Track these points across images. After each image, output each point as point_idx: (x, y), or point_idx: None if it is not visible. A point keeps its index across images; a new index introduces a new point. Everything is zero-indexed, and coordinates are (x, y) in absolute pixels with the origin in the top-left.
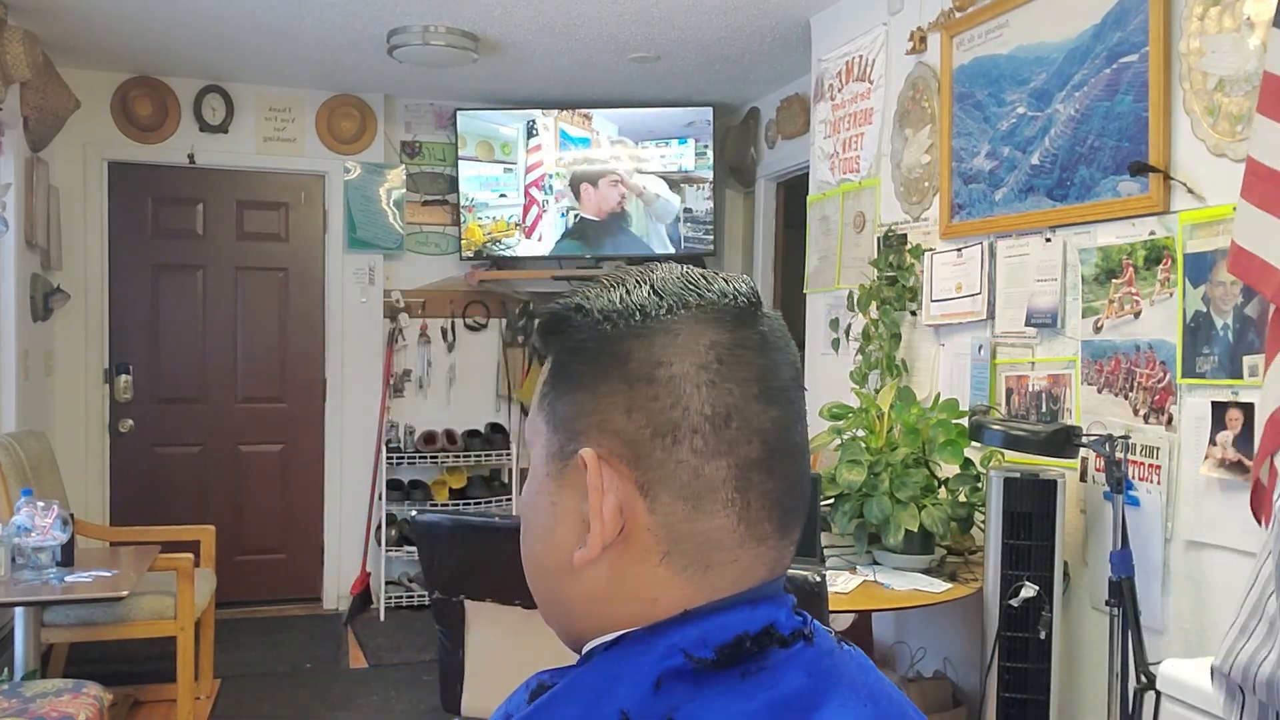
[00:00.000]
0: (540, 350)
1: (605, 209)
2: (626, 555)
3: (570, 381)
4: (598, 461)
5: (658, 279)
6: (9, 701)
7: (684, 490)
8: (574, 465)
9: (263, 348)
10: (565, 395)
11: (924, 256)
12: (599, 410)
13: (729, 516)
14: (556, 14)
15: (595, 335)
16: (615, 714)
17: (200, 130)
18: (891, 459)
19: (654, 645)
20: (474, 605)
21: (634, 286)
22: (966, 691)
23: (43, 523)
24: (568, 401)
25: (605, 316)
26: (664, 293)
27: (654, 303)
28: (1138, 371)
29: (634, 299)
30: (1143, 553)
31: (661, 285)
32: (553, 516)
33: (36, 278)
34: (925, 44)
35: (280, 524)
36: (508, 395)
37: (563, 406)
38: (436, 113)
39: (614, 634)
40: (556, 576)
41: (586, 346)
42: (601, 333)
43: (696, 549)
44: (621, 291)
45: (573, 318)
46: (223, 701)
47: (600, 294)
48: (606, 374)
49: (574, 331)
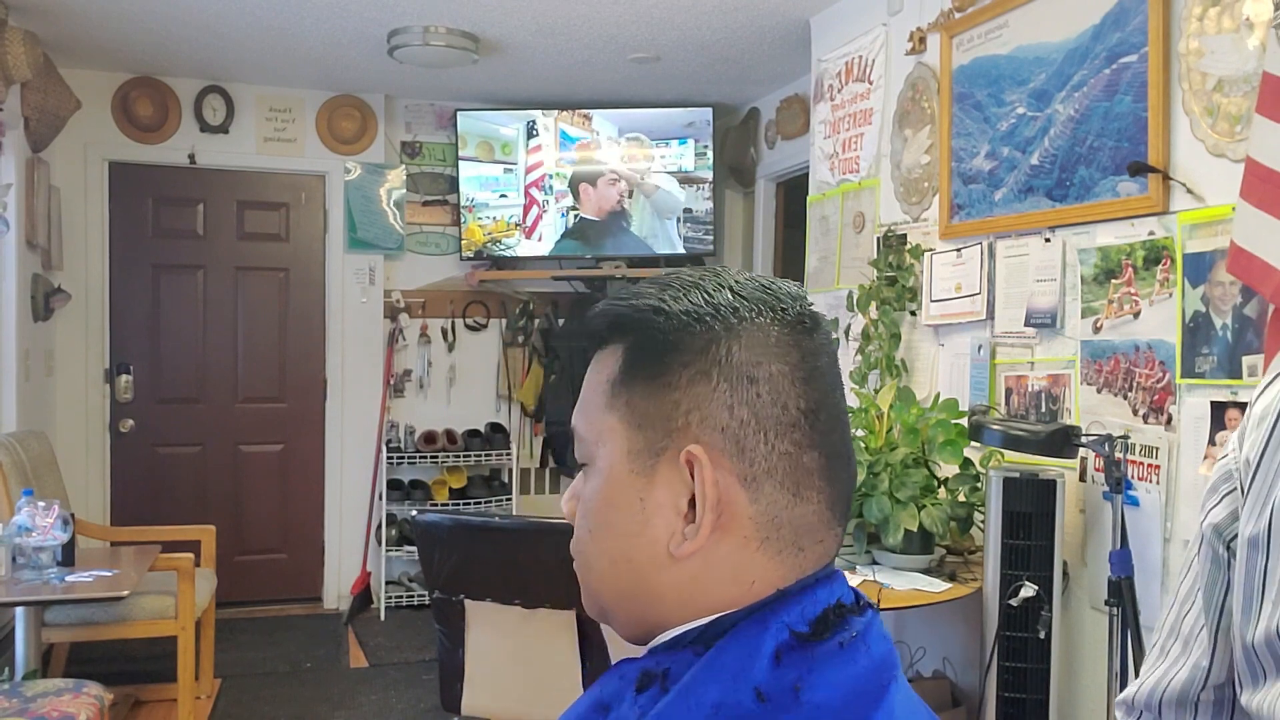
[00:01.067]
0: (607, 346)
1: (605, 208)
2: (726, 543)
3: (657, 380)
4: (706, 456)
5: (733, 282)
6: (10, 701)
7: (785, 480)
8: (669, 461)
9: (263, 348)
10: (652, 394)
11: (923, 257)
12: (699, 408)
13: (820, 503)
14: (556, 14)
15: (686, 335)
16: (750, 691)
17: (201, 130)
18: (891, 459)
19: (768, 624)
20: (474, 605)
21: (713, 290)
22: (966, 691)
23: (43, 523)
24: (657, 400)
25: (695, 318)
26: (747, 297)
27: (743, 305)
28: (1137, 371)
29: (719, 301)
30: (1142, 552)
31: (740, 289)
32: (643, 512)
33: (37, 278)
34: (925, 44)
35: (280, 524)
36: (508, 395)
37: (649, 404)
38: (437, 113)
39: (710, 616)
40: (646, 569)
41: (677, 346)
42: (692, 333)
43: (793, 534)
44: (702, 294)
45: (653, 319)
46: (223, 701)
47: (678, 296)
48: (705, 373)
49: (655, 332)
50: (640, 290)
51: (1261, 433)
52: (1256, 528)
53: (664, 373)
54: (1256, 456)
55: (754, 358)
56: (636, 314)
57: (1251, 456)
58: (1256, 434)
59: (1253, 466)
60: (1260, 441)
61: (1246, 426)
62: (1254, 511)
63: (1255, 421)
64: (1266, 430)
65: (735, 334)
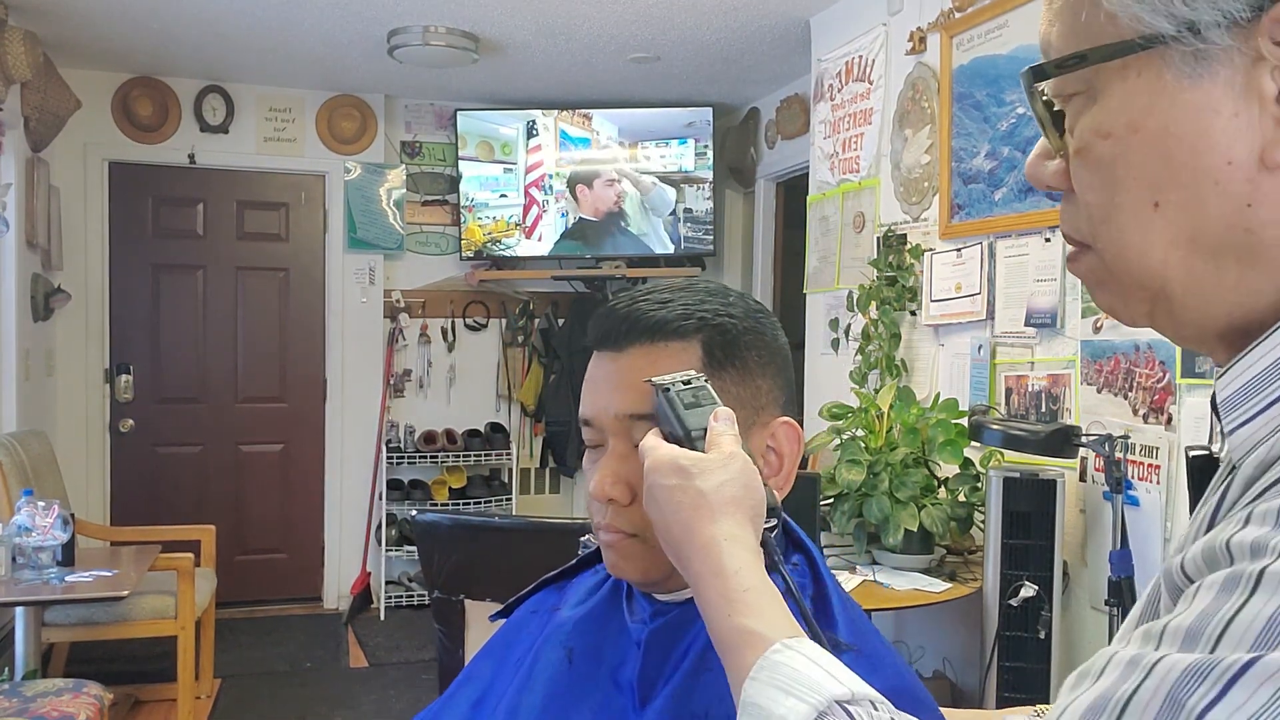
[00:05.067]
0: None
1: (602, 209)
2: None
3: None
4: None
5: (734, 296)
6: (9, 701)
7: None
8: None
9: (263, 348)
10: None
11: (924, 256)
12: (785, 385)
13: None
14: (556, 14)
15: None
16: None
17: (200, 130)
18: (891, 459)
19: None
20: (474, 605)
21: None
22: (966, 691)
23: (43, 522)
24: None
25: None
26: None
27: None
28: (1137, 371)
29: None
30: (1142, 552)
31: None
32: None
33: (37, 278)
34: (925, 44)
35: (280, 524)
36: (508, 395)
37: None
38: (437, 113)
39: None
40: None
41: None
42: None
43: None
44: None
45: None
46: (223, 701)
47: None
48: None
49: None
50: (721, 300)
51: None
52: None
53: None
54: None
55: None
56: (743, 326)
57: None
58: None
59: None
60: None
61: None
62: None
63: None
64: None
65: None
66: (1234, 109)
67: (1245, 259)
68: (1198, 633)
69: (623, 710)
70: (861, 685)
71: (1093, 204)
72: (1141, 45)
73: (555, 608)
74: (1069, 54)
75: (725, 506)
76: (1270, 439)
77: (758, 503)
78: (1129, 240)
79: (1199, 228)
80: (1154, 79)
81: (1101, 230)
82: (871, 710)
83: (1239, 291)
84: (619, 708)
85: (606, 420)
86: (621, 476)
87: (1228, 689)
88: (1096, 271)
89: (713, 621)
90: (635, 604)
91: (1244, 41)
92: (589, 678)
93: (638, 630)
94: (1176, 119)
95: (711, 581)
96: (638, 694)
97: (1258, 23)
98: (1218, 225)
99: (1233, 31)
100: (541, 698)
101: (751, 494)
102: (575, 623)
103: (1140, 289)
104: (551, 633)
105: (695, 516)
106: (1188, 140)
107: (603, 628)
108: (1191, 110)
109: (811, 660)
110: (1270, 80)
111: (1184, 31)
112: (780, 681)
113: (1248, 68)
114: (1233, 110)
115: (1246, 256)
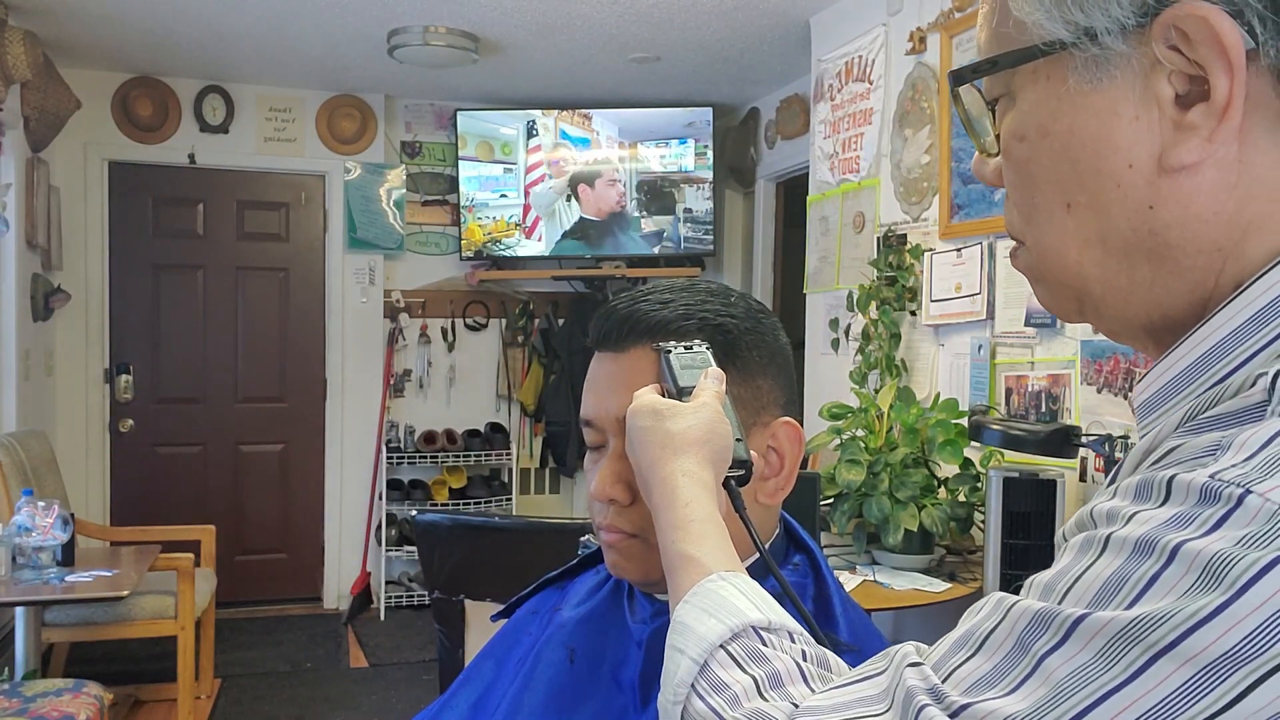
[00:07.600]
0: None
1: (605, 209)
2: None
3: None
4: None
5: (735, 297)
6: (9, 701)
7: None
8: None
9: (263, 348)
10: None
11: (924, 256)
12: (786, 386)
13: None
14: (556, 14)
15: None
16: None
17: (200, 130)
18: (891, 459)
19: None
20: (474, 605)
21: (739, 297)
22: None
23: (43, 522)
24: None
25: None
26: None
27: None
28: (1137, 371)
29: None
30: None
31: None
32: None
33: (37, 278)
34: (925, 44)
35: (280, 524)
36: (508, 395)
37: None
38: (436, 113)
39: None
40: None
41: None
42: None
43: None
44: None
45: (746, 324)
46: (223, 701)
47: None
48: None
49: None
50: (716, 303)
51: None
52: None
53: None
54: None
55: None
56: (740, 327)
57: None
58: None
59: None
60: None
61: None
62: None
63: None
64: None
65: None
66: (1134, 113)
67: (1154, 260)
68: (1051, 586)
69: (624, 710)
70: (783, 617)
71: (1018, 203)
72: (1044, 51)
73: (556, 608)
74: (983, 59)
75: (688, 446)
76: (1159, 424)
77: (722, 448)
78: (1048, 240)
79: (1106, 229)
80: (1059, 84)
81: (1027, 229)
82: (787, 640)
83: (1154, 290)
84: (620, 708)
85: (607, 420)
86: (622, 476)
87: (1065, 639)
88: (1032, 268)
89: (663, 547)
90: (636, 604)
91: (1139, 47)
92: (590, 678)
93: (639, 630)
94: (1081, 123)
95: (665, 512)
96: (639, 694)
97: (1150, 28)
98: (1123, 227)
99: (1127, 37)
100: (543, 698)
101: (716, 439)
102: (576, 623)
103: (1064, 286)
104: (553, 633)
105: (660, 454)
106: (1091, 144)
107: (604, 628)
108: (1094, 114)
109: (740, 591)
110: (1167, 84)
111: (1082, 38)
112: (707, 605)
113: (1145, 72)
114: (1133, 114)
115: (1154, 258)
